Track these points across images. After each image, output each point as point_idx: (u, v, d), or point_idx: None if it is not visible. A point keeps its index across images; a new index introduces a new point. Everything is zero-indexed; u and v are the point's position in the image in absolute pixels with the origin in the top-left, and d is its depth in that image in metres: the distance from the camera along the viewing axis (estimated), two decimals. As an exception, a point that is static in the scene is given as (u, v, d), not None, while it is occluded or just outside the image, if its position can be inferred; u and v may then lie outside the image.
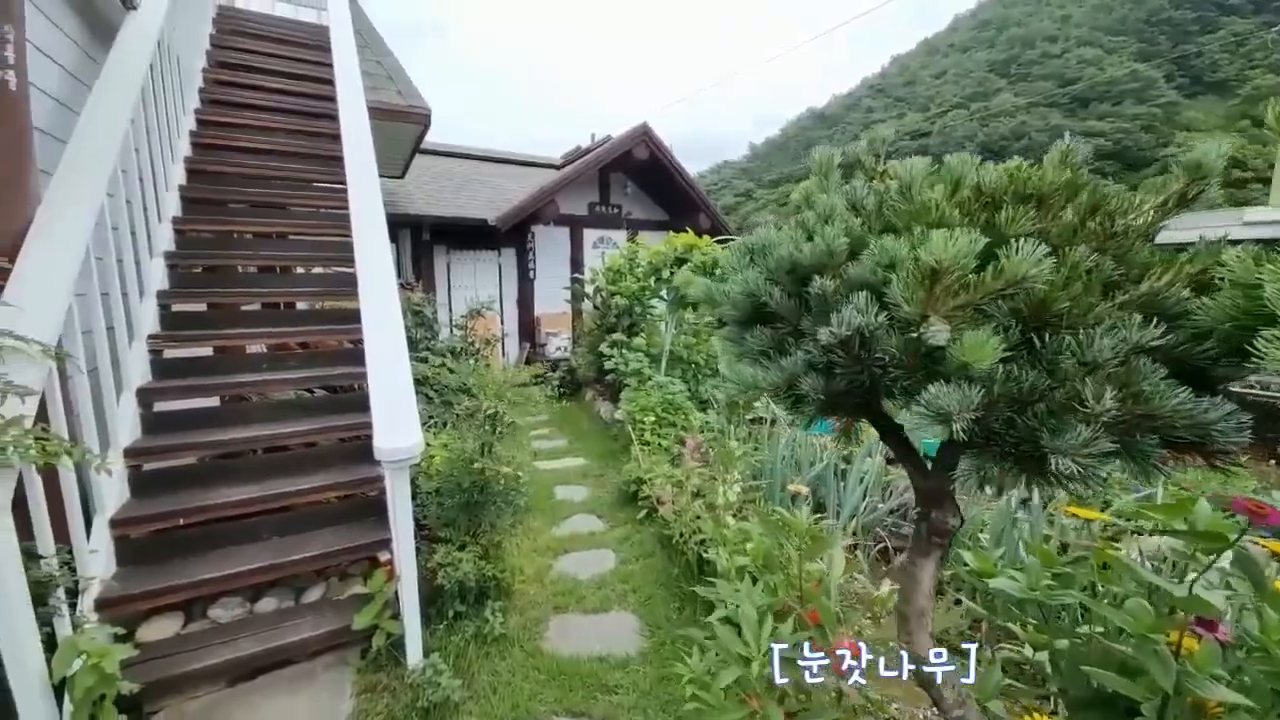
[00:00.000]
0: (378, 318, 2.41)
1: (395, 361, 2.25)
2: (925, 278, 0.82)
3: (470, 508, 2.50)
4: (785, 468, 3.25)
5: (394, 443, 1.91)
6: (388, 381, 2.15)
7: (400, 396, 2.10)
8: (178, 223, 3.61)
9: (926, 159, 1.10)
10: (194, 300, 3.46)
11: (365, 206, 2.98)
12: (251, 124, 4.53)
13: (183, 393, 2.94)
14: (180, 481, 2.68)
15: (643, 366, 5.45)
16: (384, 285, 2.57)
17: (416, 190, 9.43)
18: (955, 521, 1.14)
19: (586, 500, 4.15)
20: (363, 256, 2.69)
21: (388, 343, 2.31)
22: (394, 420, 2.01)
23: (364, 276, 2.58)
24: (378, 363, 2.22)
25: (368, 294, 2.51)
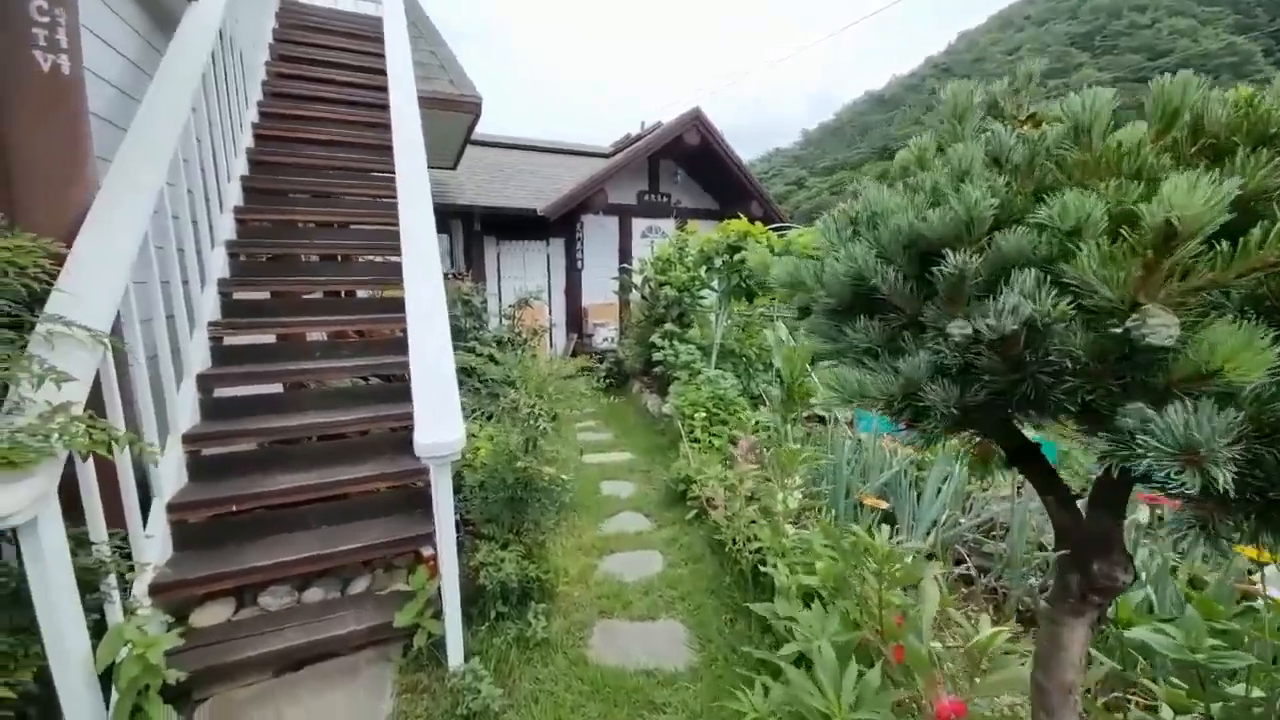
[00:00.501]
0: (421, 308, 2.33)
1: (438, 353, 2.15)
2: (1147, 246, 0.59)
3: (514, 504, 2.39)
4: (852, 473, 2.99)
5: (435, 438, 1.82)
6: (430, 373, 2.06)
7: (443, 389, 2.01)
8: (239, 212, 3.68)
9: (1111, 89, 0.84)
10: (254, 288, 3.52)
11: (412, 194, 2.91)
12: (312, 115, 4.61)
13: (242, 379, 2.99)
14: (237, 467, 2.71)
15: (694, 359, 5.25)
16: (428, 274, 2.49)
17: (468, 181, 9.52)
18: (1126, 578, 0.88)
19: (633, 497, 4.01)
20: (408, 244, 2.62)
21: (431, 333, 2.22)
22: (435, 414, 1.91)
23: (409, 265, 2.51)
24: (420, 354, 2.13)
25: (412, 283, 2.43)
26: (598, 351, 9.38)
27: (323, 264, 4.20)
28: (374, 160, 4.42)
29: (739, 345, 5.53)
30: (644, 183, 10.49)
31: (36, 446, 1.46)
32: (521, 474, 2.23)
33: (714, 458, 3.60)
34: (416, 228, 2.72)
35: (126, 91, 2.90)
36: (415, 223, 2.75)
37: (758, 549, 2.39)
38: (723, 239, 5.16)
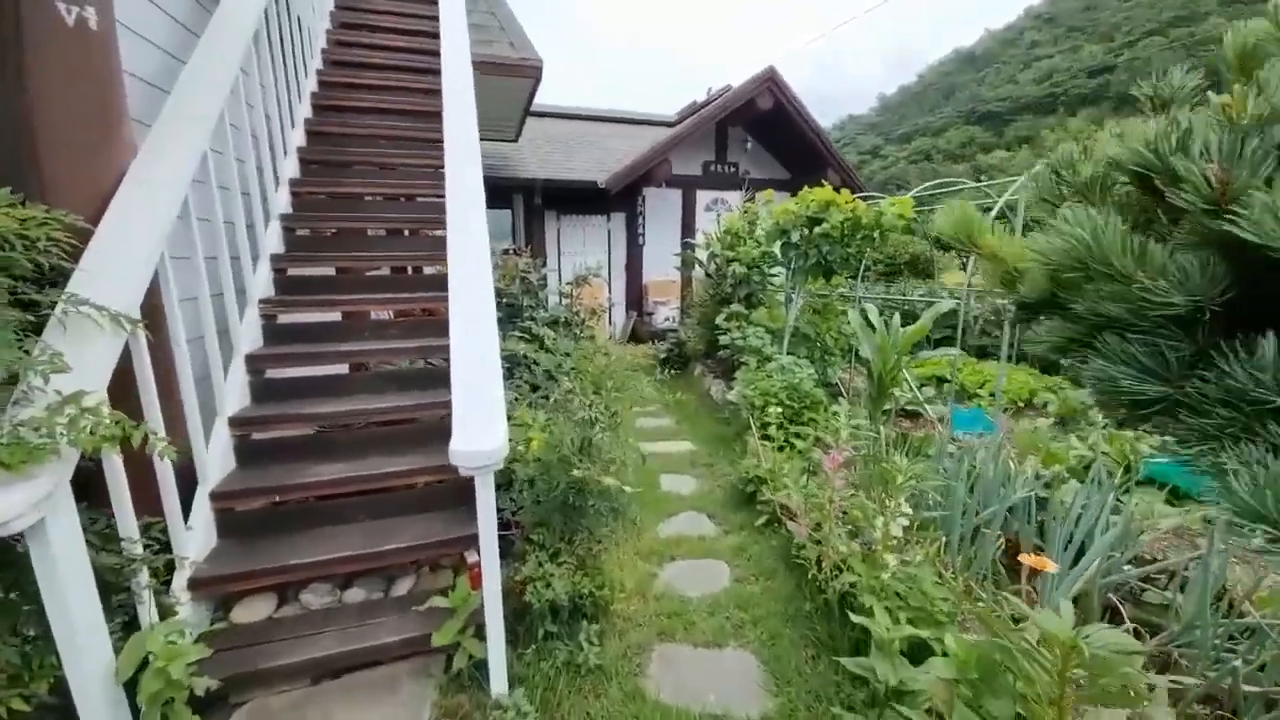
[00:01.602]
0: (465, 290, 2.06)
1: (482, 342, 1.88)
2: None
3: (566, 510, 2.13)
4: (971, 492, 2.47)
5: (472, 444, 1.55)
6: (471, 367, 1.79)
7: (484, 386, 1.74)
8: (295, 185, 3.57)
9: None
10: (309, 264, 3.40)
11: (459, 159, 2.63)
12: (373, 84, 4.45)
13: (295, 360, 2.87)
14: (285, 453, 2.60)
15: (764, 344, 4.80)
16: (474, 252, 2.21)
17: (530, 154, 9.30)
18: None
19: (695, 495, 3.69)
20: (453, 216, 2.35)
21: (474, 320, 1.95)
22: (474, 415, 1.64)
23: (453, 241, 2.24)
24: (461, 343, 1.87)
25: (457, 261, 2.16)
26: (658, 331, 9.04)
27: (383, 239, 4.06)
28: (438, 129, 4.21)
29: (815, 329, 5.01)
30: (710, 152, 9.90)
31: (37, 443, 1.30)
32: (576, 482, 1.95)
33: (791, 460, 3.20)
34: (463, 198, 2.44)
35: (174, 54, 2.77)
36: (461, 192, 2.47)
37: (851, 582, 2.00)
38: (801, 209, 4.62)
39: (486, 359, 1.81)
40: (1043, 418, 4.87)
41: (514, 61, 5.40)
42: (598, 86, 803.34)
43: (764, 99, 8.75)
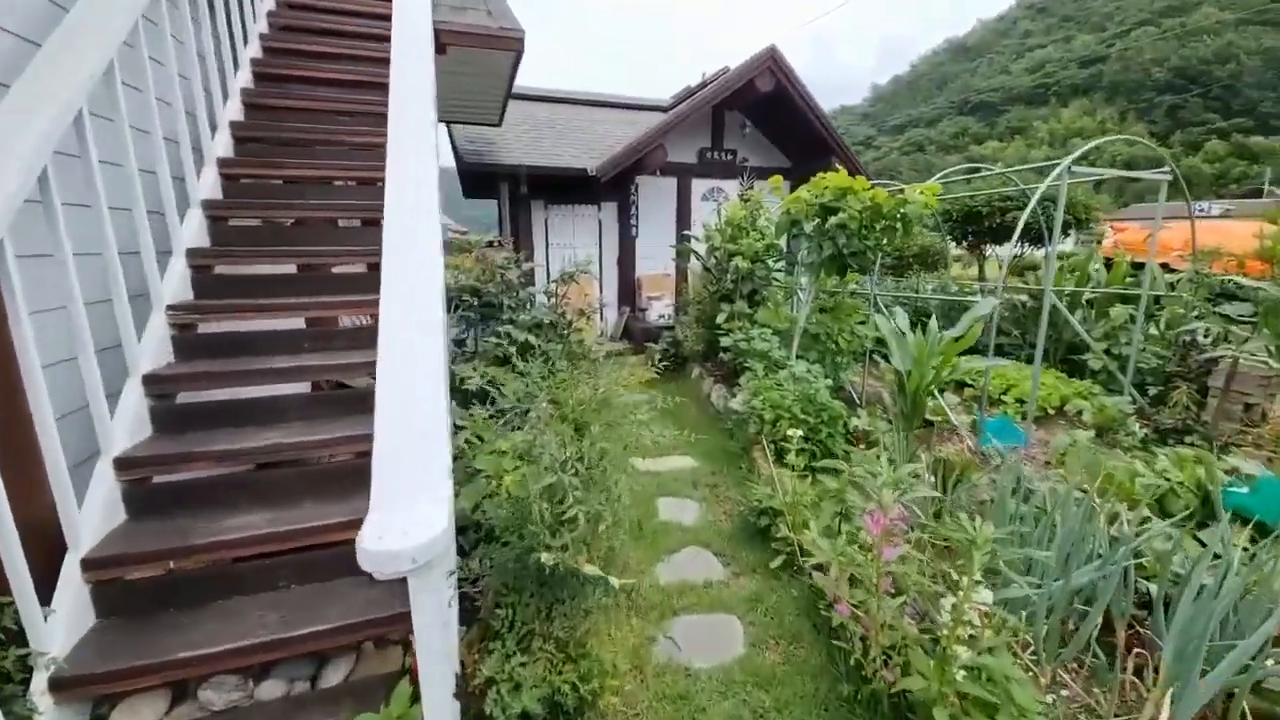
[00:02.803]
0: (398, 304, 1.54)
1: (415, 382, 1.38)
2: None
3: (542, 586, 1.64)
4: (1047, 552, 1.95)
5: (387, 539, 1.04)
6: (397, 417, 1.28)
7: (415, 445, 1.24)
8: (226, 166, 3.03)
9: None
10: (243, 261, 2.86)
11: (405, 136, 2.10)
12: (330, 52, 3.90)
13: (214, 380, 2.34)
14: (194, 500, 2.09)
15: (771, 348, 4.32)
16: (416, 251, 1.70)
17: (515, 139, 8.72)
18: None
19: (699, 525, 3.21)
20: (392, 213, 1.83)
21: (405, 350, 1.44)
22: (396, 494, 1.14)
23: (389, 244, 1.72)
24: (389, 382, 1.36)
25: (392, 272, 1.64)
26: (652, 328, 8.55)
27: (337, 230, 3.52)
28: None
29: (826, 330, 4.54)
30: (706, 138, 9.35)
31: None
32: (548, 565, 1.46)
33: (813, 490, 2.72)
34: (406, 188, 1.92)
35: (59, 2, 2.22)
36: (405, 180, 1.95)
37: (912, 685, 1.54)
38: (813, 197, 4.13)
39: (423, 401, 1.31)
40: (1077, 427, 4.44)
41: (492, 31, 4.83)
42: (592, 78, 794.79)
43: (764, 80, 8.20)
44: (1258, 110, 65.16)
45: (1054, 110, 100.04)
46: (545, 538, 1.43)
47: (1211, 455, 3.31)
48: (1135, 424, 4.31)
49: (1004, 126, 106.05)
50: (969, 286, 7.30)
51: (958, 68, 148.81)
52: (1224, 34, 76.48)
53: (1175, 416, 4.23)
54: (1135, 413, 4.40)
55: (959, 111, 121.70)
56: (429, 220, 1.81)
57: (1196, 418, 4.20)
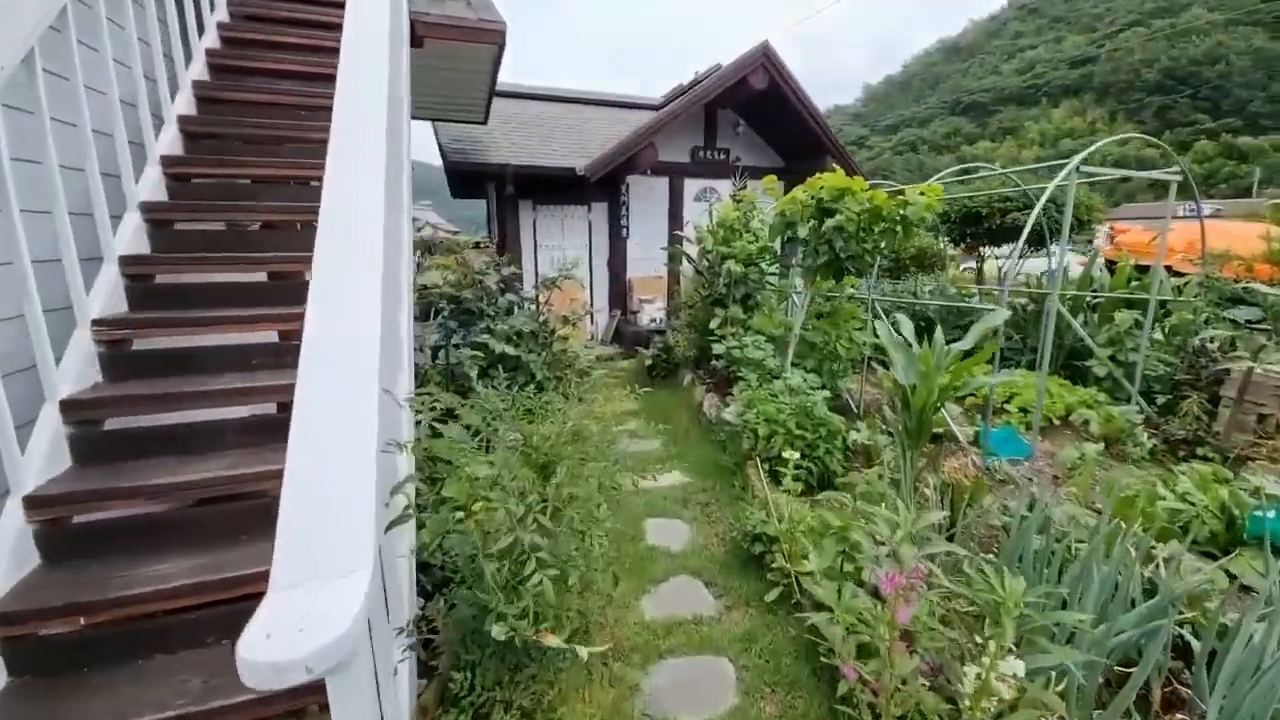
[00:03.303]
0: (329, 341, 1.31)
1: (340, 422, 1.14)
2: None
3: (499, 650, 1.41)
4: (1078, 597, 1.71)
5: (277, 643, 0.81)
6: (305, 480, 1.05)
7: (331, 506, 1.01)
8: (173, 164, 2.78)
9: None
10: (192, 268, 2.61)
11: (351, 129, 1.87)
12: (296, 43, 3.66)
13: (149, 404, 2.10)
14: (118, 544, 1.85)
15: (766, 356, 4.12)
16: (355, 258, 1.47)
17: (501, 137, 8.48)
18: None
19: (689, 550, 3.00)
20: (329, 214, 1.59)
21: (333, 378, 1.21)
22: (303, 566, 0.92)
23: (321, 253, 1.48)
24: (306, 420, 1.13)
25: (324, 289, 1.41)
26: (643, 331, 8.33)
27: (308, 234, 3.26)
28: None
29: (824, 337, 4.33)
30: (699, 137, 9.14)
31: None
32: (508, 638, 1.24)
33: (811, 511, 2.51)
34: (349, 186, 1.69)
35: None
36: (348, 178, 1.71)
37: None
38: (809, 199, 3.92)
39: (349, 444, 1.08)
40: (1083, 438, 4.26)
41: (471, 23, 4.60)
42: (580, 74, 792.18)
43: (758, 78, 8.00)
44: (1247, 110, 65.73)
45: (1044, 111, 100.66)
46: (500, 604, 1.21)
47: (1228, 472, 3.13)
48: (1143, 434, 4.14)
49: (996, 127, 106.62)
50: (967, 289, 7.12)
51: (950, 68, 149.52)
52: (1213, 34, 77.15)
53: (1185, 427, 4.06)
54: (1143, 422, 4.23)
55: (951, 111, 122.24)
56: (369, 225, 1.58)
57: (1207, 428, 4.03)
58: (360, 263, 1.48)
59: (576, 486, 1.38)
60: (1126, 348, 4.78)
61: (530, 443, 1.43)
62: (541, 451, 1.41)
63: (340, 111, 1.86)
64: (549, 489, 1.32)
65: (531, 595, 1.18)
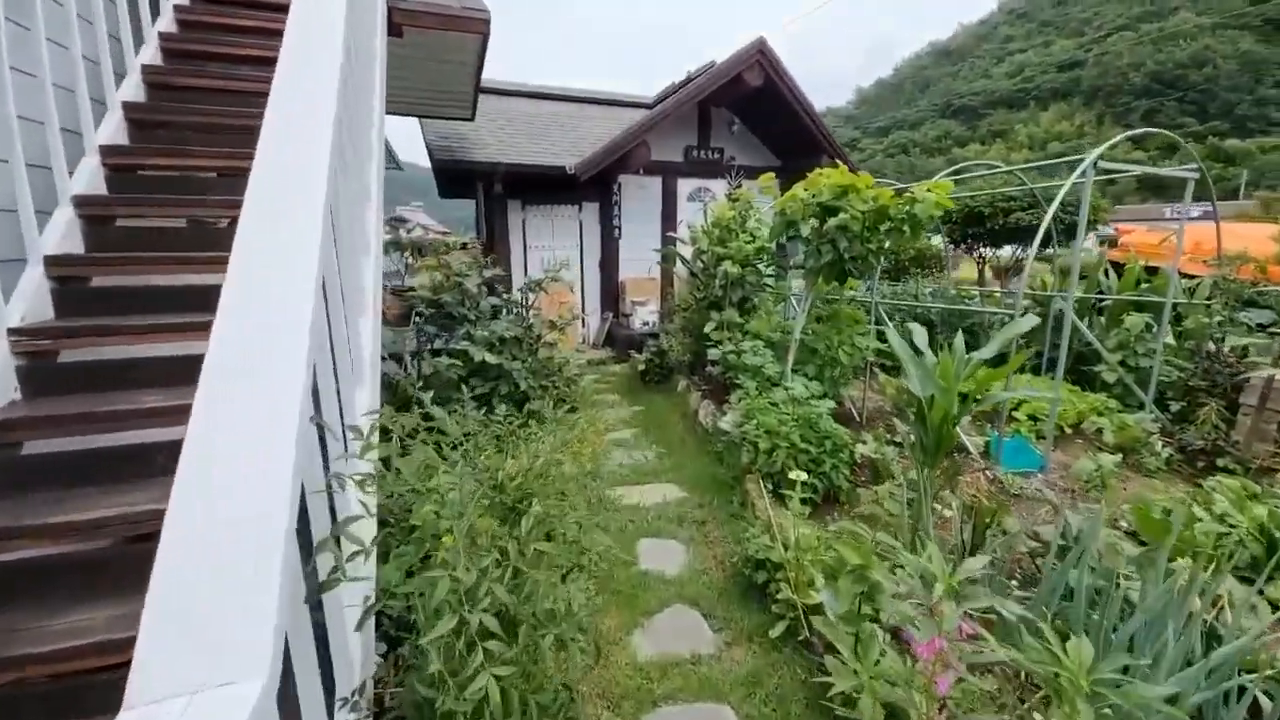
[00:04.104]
0: (237, 353, 1.05)
1: (241, 474, 0.89)
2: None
3: None
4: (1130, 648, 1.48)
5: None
6: (194, 531, 0.81)
7: (216, 593, 0.77)
8: (115, 154, 2.53)
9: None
10: (131, 269, 2.35)
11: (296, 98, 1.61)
12: (261, 26, 3.40)
13: (68, 425, 1.83)
14: (21, 589, 1.59)
15: (765, 363, 3.90)
16: (277, 268, 1.21)
17: (489, 135, 8.23)
18: None
19: (685, 576, 2.77)
20: (256, 197, 1.34)
21: (241, 406, 0.96)
22: (169, 675, 0.68)
23: (240, 252, 1.23)
24: (193, 466, 0.88)
25: (237, 274, 1.16)
26: (636, 334, 8.10)
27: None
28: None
29: (825, 342, 4.12)
30: (692, 136, 8.94)
31: None
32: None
33: (816, 531, 2.29)
34: (284, 154, 1.44)
35: None
36: (284, 144, 1.46)
37: None
38: (809, 196, 3.71)
39: (238, 517, 0.83)
40: (1097, 448, 4.08)
41: (454, 11, 4.35)
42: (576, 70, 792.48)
43: (753, 74, 7.80)
44: (1234, 113, 66.54)
45: (1034, 114, 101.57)
46: (448, 700, 0.97)
47: (1255, 486, 2.95)
48: (1158, 443, 3.96)
49: (986, 129, 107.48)
50: (967, 292, 6.95)
51: (940, 71, 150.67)
52: (1200, 38, 78.09)
53: (1203, 436, 3.88)
54: (1158, 431, 4.05)
55: (942, 114, 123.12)
56: (306, 202, 1.33)
57: (1226, 437, 3.86)
58: (289, 248, 1.23)
59: (549, 543, 1.13)
60: (1137, 352, 4.61)
61: (493, 483, 1.19)
62: (508, 492, 1.17)
63: (284, 64, 1.61)
64: (513, 542, 1.08)
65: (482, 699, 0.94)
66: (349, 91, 1.98)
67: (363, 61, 2.62)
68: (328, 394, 1.48)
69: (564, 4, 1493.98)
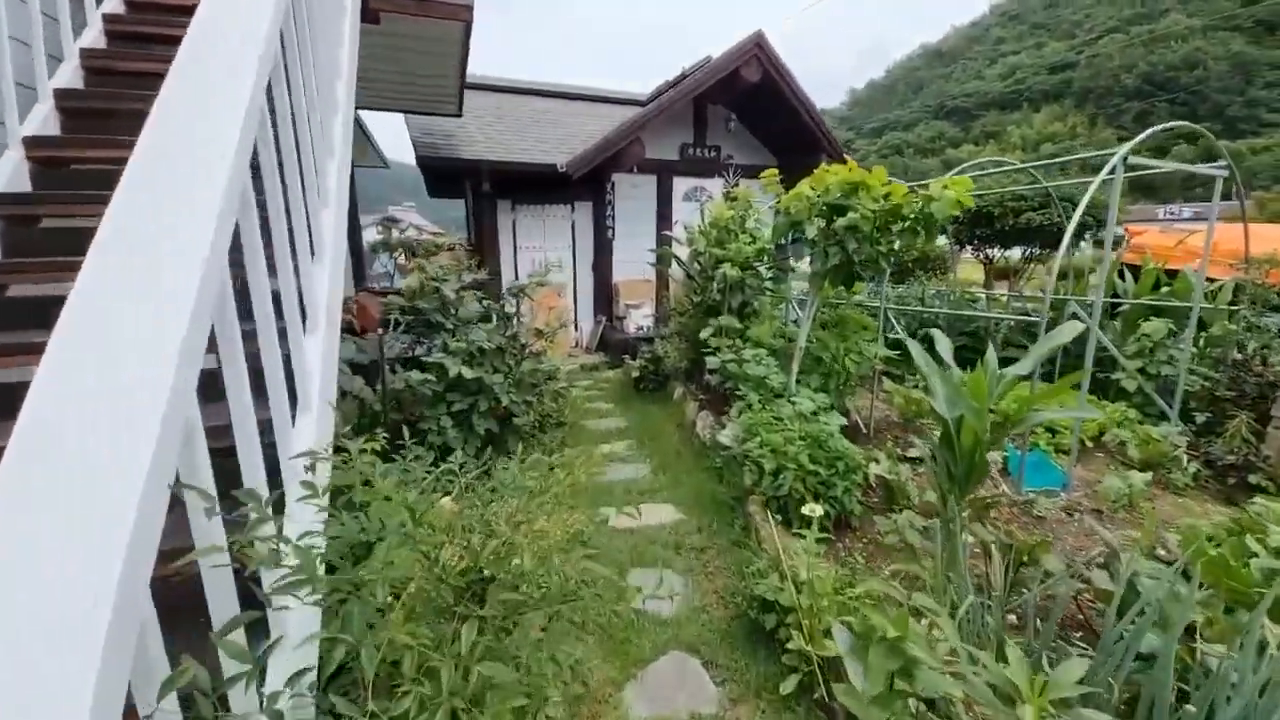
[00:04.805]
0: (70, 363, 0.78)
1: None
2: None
3: None
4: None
5: None
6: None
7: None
8: (41, 146, 2.23)
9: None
10: (51, 277, 2.06)
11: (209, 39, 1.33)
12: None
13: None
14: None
15: (769, 373, 3.63)
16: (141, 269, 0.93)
17: (477, 131, 7.95)
18: None
19: (683, 615, 2.49)
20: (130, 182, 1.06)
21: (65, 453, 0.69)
22: None
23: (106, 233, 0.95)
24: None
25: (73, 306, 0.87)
26: (631, 339, 7.84)
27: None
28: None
29: (831, 351, 3.87)
30: (688, 133, 8.67)
31: None
32: None
33: (827, 564, 2.02)
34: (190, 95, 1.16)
35: None
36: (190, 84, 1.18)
37: None
38: (816, 194, 3.46)
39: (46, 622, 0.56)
40: (1120, 463, 3.84)
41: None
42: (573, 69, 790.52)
43: (750, 69, 7.56)
44: (1225, 114, 67.00)
45: (1026, 115, 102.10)
46: None
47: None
48: (1185, 458, 3.73)
49: (979, 131, 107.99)
50: (972, 294, 6.73)
51: (933, 72, 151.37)
52: (1191, 40, 78.65)
53: (1232, 450, 3.65)
54: (1184, 445, 3.82)
55: (935, 116, 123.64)
56: (205, 169, 1.05)
57: (1256, 451, 3.62)
58: (169, 223, 0.95)
59: (503, 663, 0.84)
60: (1158, 359, 4.38)
61: (436, 569, 0.91)
62: (450, 582, 0.89)
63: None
64: (449, 666, 0.80)
65: None
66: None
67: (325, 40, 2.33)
68: (243, 427, 1.20)
69: (564, 4, 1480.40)
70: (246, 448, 1.20)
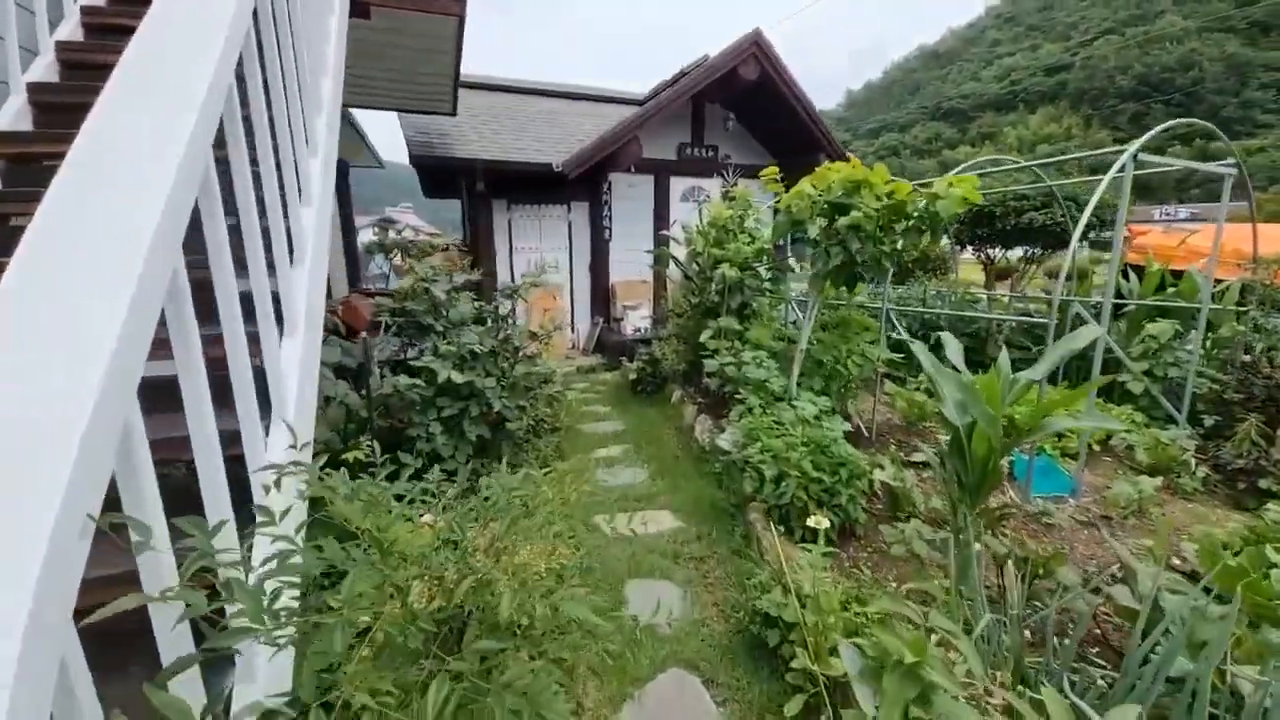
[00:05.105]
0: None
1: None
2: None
3: None
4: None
5: None
6: None
7: None
8: (9, 143, 2.13)
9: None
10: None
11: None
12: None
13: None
14: None
15: (770, 377, 3.54)
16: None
17: (472, 130, 7.85)
18: None
19: (683, 630, 2.40)
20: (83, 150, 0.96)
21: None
22: None
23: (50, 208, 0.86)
24: None
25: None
26: (628, 340, 7.75)
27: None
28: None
29: (833, 354, 3.78)
30: (686, 133, 8.59)
31: None
32: None
33: (831, 575, 1.93)
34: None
35: None
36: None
37: None
38: (818, 192, 3.37)
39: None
40: (1128, 467, 3.76)
41: (425, -10, 3.98)
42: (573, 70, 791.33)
43: (748, 68, 7.47)
44: (1219, 115, 67.31)
45: (1022, 116, 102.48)
46: None
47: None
48: (1193, 462, 3.65)
49: (975, 132, 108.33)
50: (972, 295, 6.66)
51: (929, 74, 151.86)
52: (1186, 42, 79.03)
53: (1242, 454, 3.58)
54: (1193, 449, 3.74)
55: (931, 117, 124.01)
56: (155, 152, 0.95)
57: (1266, 455, 3.55)
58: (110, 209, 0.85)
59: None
60: (1164, 361, 4.31)
61: (405, 608, 0.81)
62: (422, 621, 0.79)
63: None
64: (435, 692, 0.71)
65: None
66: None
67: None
68: (201, 435, 1.10)
69: (565, 5, 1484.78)
70: (206, 462, 1.10)
